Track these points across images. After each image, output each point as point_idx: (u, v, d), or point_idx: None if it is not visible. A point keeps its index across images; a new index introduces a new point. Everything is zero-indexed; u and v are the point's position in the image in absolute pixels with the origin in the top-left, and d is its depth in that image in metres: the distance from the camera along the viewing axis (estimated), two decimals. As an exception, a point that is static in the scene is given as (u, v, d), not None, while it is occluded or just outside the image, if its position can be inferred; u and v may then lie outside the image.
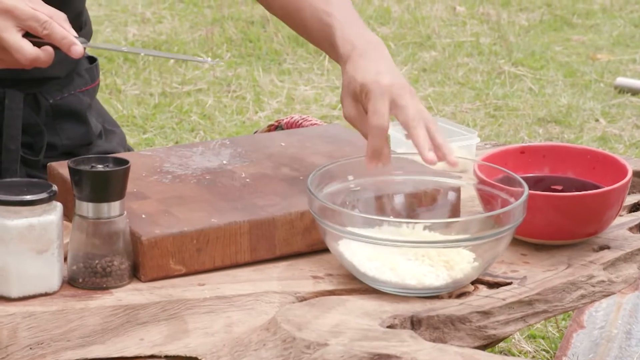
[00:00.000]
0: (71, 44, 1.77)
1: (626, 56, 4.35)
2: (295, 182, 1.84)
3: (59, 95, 2.19)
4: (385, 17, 4.75)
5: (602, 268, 1.75)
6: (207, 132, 3.53)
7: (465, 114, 3.70)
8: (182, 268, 1.67)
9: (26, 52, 1.75)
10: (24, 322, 1.51)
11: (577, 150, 1.95)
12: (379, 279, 1.62)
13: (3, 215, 1.54)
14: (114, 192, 1.61)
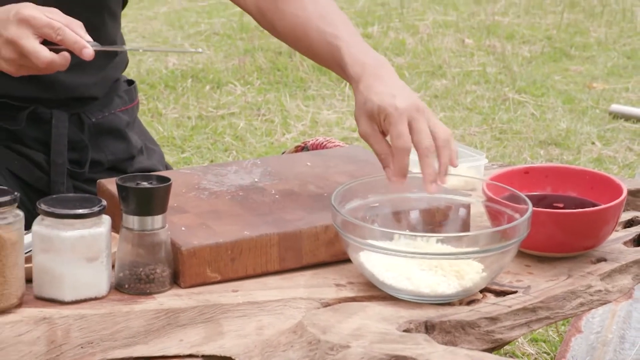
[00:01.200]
0: (82, 47, 1.77)
1: (619, 85, 4.34)
2: (320, 198, 1.85)
3: (100, 114, 2.19)
4: (400, 48, 4.76)
5: (600, 279, 1.75)
6: (239, 152, 3.53)
7: (473, 137, 3.70)
8: (217, 276, 1.67)
9: (42, 56, 1.75)
10: (76, 323, 1.52)
11: (577, 171, 1.95)
12: (396, 287, 1.62)
13: (58, 227, 1.55)
14: (157, 206, 1.62)
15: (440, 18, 5.26)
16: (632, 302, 2.54)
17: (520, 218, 1.63)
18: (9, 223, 1.52)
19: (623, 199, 1.80)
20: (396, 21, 5.18)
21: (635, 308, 2.53)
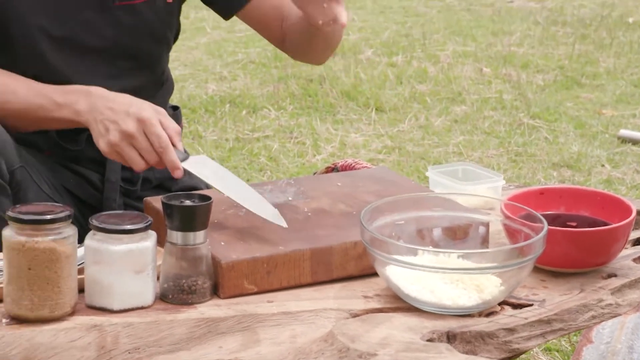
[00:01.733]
0: (175, 168, 1.83)
1: (627, 112, 4.33)
2: (349, 216, 1.85)
3: None
4: (423, 76, 4.76)
5: (610, 293, 1.74)
6: (273, 172, 3.54)
7: (490, 159, 3.69)
8: (254, 287, 1.67)
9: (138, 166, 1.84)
10: (124, 330, 1.53)
11: (589, 192, 1.94)
12: (420, 299, 1.61)
13: (108, 242, 1.56)
14: (199, 223, 1.62)
15: (460, 48, 5.26)
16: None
17: (536, 236, 1.63)
18: (64, 237, 1.53)
19: (632, 219, 1.79)
20: (419, 51, 5.18)
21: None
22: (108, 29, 2.09)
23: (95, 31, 2.09)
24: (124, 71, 2.15)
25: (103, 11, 2.08)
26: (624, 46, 5.36)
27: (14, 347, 1.47)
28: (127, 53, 2.14)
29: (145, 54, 2.17)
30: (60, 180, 2.11)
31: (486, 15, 6.10)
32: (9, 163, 1.84)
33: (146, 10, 2.12)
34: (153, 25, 2.15)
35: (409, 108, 4.26)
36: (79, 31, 2.07)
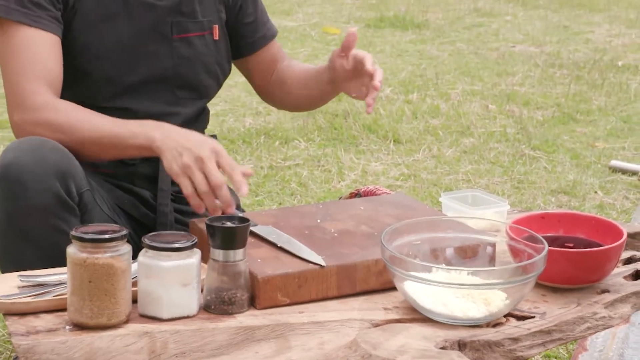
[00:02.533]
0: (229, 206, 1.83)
1: (617, 144, 4.31)
2: (371, 236, 1.84)
3: None
4: (436, 112, 4.76)
5: (604, 307, 1.73)
6: (303, 197, 3.54)
7: (495, 186, 3.68)
8: (286, 299, 1.67)
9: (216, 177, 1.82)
10: (172, 337, 1.53)
11: (584, 216, 1.93)
12: (434, 311, 1.61)
13: (159, 258, 1.57)
14: (238, 242, 1.63)
15: (468, 87, 5.26)
16: (629, 325, 2.51)
17: (537, 256, 1.63)
18: (120, 254, 1.54)
19: (623, 241, 1.79)
20: (432, 90, 5.19)
21: (632, 331, 2.51)
22: (169, 59, 2.13)
23: (158, 61, 2.12)
24: (181, 99, 2.17)
25: (164, 43, 2.12)
26: (614, 86, 5.35)
27: (76, 351, 1.48)
28: (184, 82, 2.17)
29: (199, 84, 2.20)
30: (117, 201, 2.13)
31: (491, 58, 6.10)
32: (78, 186, 1.85)
33: (199, 43, 2.16)
34: (205, 58, 2.18)
35: (423, 140, 4.26)
36: (143, 63, 2.10)
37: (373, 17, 7.41)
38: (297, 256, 1.74)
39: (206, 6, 2.18)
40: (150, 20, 2.09)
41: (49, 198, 1.78)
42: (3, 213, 1.80)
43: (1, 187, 1.78)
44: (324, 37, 6.70)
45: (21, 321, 1.56)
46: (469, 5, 8.12)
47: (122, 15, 2.07)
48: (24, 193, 1.77)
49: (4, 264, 1.87)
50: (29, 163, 1.77)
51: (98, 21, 2.05)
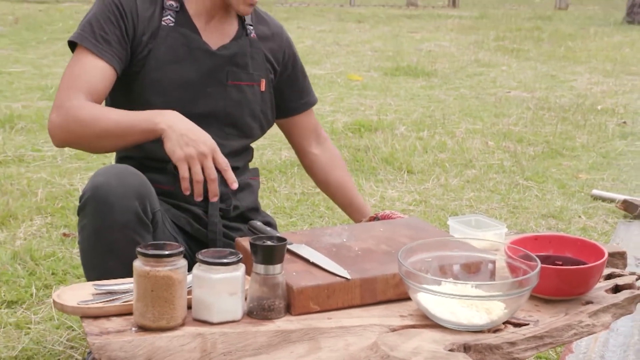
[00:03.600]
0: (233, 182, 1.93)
1: (598, 176, 4.29)
2: (389, 254, 1.84)
3: (239, 178, 2.23)
4: (443, 147, 4.76)
5: (588, 316, 1.72)
6: (330, 219, 3.54)
7: (494, 211, 3.67)
8: (317, 307, 1.67)
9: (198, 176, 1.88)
10: (220, 338, 1.53)
11: (571, 238, 1.92)
12: (443, 318, 1.61)
13: (210, 271, 1.57)
14: (277, 258, 1.63)
15: (471, 126, 5.26)
16: (609, 332, 2.49)
17: (531, 272, 1.62)
18: (177, 268, 1.54)
19: (605, 260, 1.78)
20: (440, 128, 5.19)
21: (612, 336, 2.48)
22: (221, 101, 2.16)
23: (212, 102, 2.14)
24: (227, 135, 2.19)
25: (219, 87, 2.15)
26: (594, 127, 5.33)
27: (140, 349, 1.49)
28: (232, 121, 2.19)
29: (244, 125, 2.21)
30: (175, 219, 2.14)
31: (490, 102, 6.09)
32: (152, 206, 1.87)
33: (248, 91, 2.19)
34: (251, 104, 2.20)
35: (432, 171, 4.26)
36: (201, 101, 2.13)
37: (390, 67, 7.43)
38: (327, 270, 1.74)
39: (257, 63, 2.22)
40: (210, 66, 2.13)
41: (130, 216, 1.81)
42: (92, 228, 1.82)
43: (91, 206, 1.81)
44: (348, 83, 6.72)
45: (95, 323, 1.57)
46: (471, 57, 8.13)
47: (187, 60, 2.11)
48: (110, 212, 1.79)
49: (89, 272, 1.89)
50: (115, 186, 1.80)
51: (167, 62, 2.09)
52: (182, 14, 2.12)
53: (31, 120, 5.09)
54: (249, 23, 2.22)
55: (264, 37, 2.25)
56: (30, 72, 6.77)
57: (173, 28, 2.10)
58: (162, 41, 2.09)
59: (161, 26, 2.10)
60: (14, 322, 2.51)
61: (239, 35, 2.19)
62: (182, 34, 2.11)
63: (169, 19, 2.10)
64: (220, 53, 2.14)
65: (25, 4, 12.45)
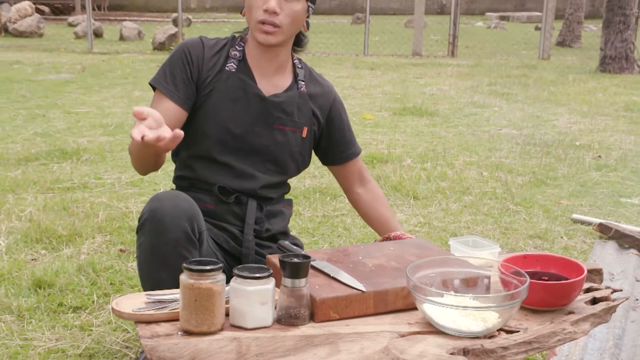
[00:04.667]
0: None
1: (577, 202, 4.25)
2: (399, 270, 1.83)
3: (271, 206, 2.23)
4: (444, 176, 4.73)
5: (570, 324, 1.70)
6: (347, 238, 3.52)
7: (488, 232, 3.64)
8: (337, 315, 1.66)
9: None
10: (254, 342, 1.53)
11: (555, 257, 1.90)
12: (445, 326, 1.59)
13: (244, 284, 1.57)
14: (302, 273, 1.62)
15: (468, 159, 5.23)
16: (588, 337, 2.46)
17: (522, 286, 1.61)
18: (217, 281, 1.54)
19: (585, 276, 1.77)
20: (441, 160, 5.17)
21: (590, 341, 2.45)
22: (266, 140, 2.16)
23: (258, 139, 2.15)
24: (268, 170, 2.19)
25: (266, 128, 2.16)
26: (574, 160, 5.29)
27: (184, 351, 1.48)
28: (273, 159, 2.19)
29: (283, 164, 2.21)
30: (215, 237, 2.14)
31: (484, 138, 6.07)
32: (199, 227, 1.88)
33: (291, 136, 2.20)
34: (292, 147, 2.20)
35: (435, 197, 4.23)
36: (249, 137, 2.14)
37: (398, 107, 7.43)
38: (345, 284, 1.73)
39: (302, 113, 2.22)
40: (260, 109, 2.15)
41: (180, 235, 1.81)
42: (148, 244, 1.83)
43: (148, 226, 1.83)
44: (362, 121, 6.72)
45: (147, 327, 1.57)
46: (467, 99, 8.11)
47: (242, 101, 2.13)
48: (164, 231, 1.80)
49: (144, 281, 1.90)
50: (169, 209, 1.81)
51: (225, 100, 2.11)
52: (243, 63, 2.15)
53: (94, 153, 5.13)
54: (301, 79, 2.23)
55: (314, 93, 2.25)
56: (94, 112, 6.83)
57: (234, 73, 2.13)
58: (223, 82, 2.12)
59: (224, 70, 2.13)
60: (79, 324, 2.51)
61: (291, 88, 2.20)
62: (241, 79, 2.13)
63: (232, 66, 2.13)
64: (271, 100, 2.15)
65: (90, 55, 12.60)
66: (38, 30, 16.45)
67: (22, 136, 5.73)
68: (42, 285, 2.80)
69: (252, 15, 2.06)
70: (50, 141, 5.51)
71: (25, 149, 5.20)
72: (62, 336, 2.43)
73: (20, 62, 11.02)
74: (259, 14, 2.04)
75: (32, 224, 3.52)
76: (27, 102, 7.44)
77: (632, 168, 5.07)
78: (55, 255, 3.16)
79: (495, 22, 23.06)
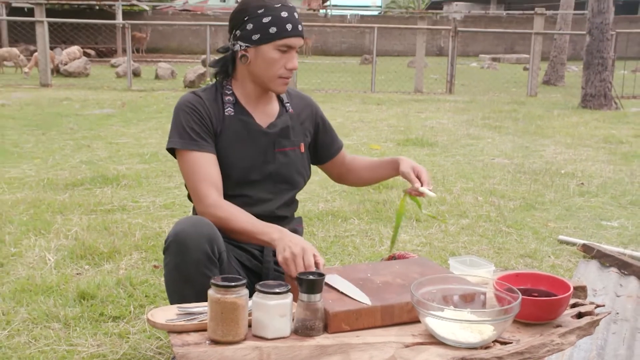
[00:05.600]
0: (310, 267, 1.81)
1: (563, 225, 4.22)
2: (404, 287, 1.81)
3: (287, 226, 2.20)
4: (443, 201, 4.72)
5: (558, 336, 1.68)
6: (356, 257, 3.50)
7: (483, 251, 3.61)
8: (348, 327, 1.65)
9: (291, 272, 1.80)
10: (273, 350, 1.52)
11: (544, 275, 1.88)
12: (446, 337, 1.57)
13: (265, 299, 1.56)
14: (317, 289, 1.61)
15: (464, 185, 5.21)
16: (574, 348, 2.42)
17: (514, 302, 1.59)
18: (241, 296, 1.54)
19: (571, 292, 1.75)
20: (440, 187, 5.15)
21: (575, 351, 2.42)
22: (273, 166, 2.15)
23: (267, 167, 2.14)
24: (281, 190, 2.18)
25: (270, 155, 2.15)
26: (559, 187, 5.26)
27: (212, 358, 1.48)
28: (283, 178, 2.18)
29: (292, 179, 2.20)
30: (237, 256, 2.13)
31: (479, 166, 6.05)
32: (219, 248, 1.87)
33: (292, 154, 2.19)
34: (296, 164, 2.20)
35: (435, 220, 4.22)
36: (259, 168, 2.13)
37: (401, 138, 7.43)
38: (354, 299, 1.71)
39: (296, 131, 2.22)
40: (263, 142, 2.14)
41: (201, 255, 1.81)
42: (173, 264, 1.83)
43: (173, 248, 1.82)
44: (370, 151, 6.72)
45: (178, 336, 1.57)
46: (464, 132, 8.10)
47: (247, 139, 2.12)
48: (187, 251, 1.79)
49: (171, 296, 1.89)
50: (190, 233, 1.81)
51: (233, 143, 2.10)
52: (238, 105, 2.14)
53: (132, 179, 5.15)
54: (286, 101, 2.23)
55: (299, 110, 2.26)
56: (132, 143, 6.87)
57: (234, 116, 2.12)
58: (227, 127, 2.10)
59: (225, 117, 2.11)
60: (117, 332, 2.51)
61: (281, 113, 2.20)
62: (242, 120, 2.12)
63: (229, 110, 2.12)
64: (270, 131, 2.15)
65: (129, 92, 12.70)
66: (85, 70, 16.63)
67: (70, 164, 5.77)
68: (85, 296, 2.80)
69: (271, 71, 2.06)
70: (93, 168, 5.54)
71: (72, 175, 5.24)
72: (103, 342, 2.42)
73: (69, 98, 11.12)
74: (282, 72, 2.07)
75: (78, 242, 3.53)
76: (75, 133, 7.49)
77: (611, 194, 5.04)
78: (97, 270, 3.16)
79: (488, 63, 23.10)
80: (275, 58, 2.05)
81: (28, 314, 2.64)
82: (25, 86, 13.43)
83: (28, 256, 3.34)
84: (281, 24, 2.03)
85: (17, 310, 2.68)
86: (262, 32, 2.03)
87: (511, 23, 28.56)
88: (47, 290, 2.90)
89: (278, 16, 2.03)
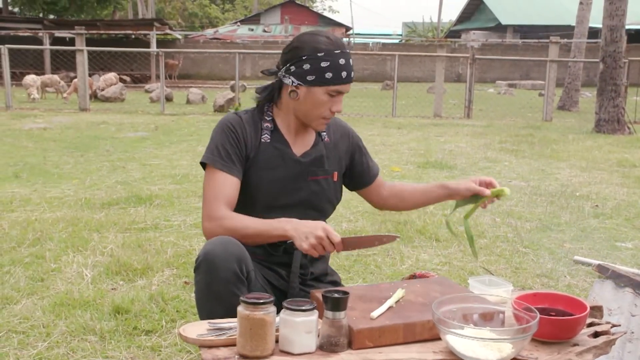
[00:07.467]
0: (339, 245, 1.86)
1: (578, 246, 4.17)
2: (425, 305, 1.80)
3: None
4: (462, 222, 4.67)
5: (575, 355, 1.66)
6: (378, 275, 3.49)
7: (501, 271, 3.58)
8: (371, 344, 1.64)
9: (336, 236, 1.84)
10: (300, 366, 1.51)
11: (562, 295, 1.86)
12: (466, 355, 1.56)
13: (292, 315, 1.56)
14: (342, 306, 1.61)
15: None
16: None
17: (532, 321, 1.57)
18: (269, 312, 1.54)
19: (588, 312, 1.72)
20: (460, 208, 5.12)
21: (593, 370, 2.37)
22: (305, 193, 2.14)
23: (298, 195, 2.13)
24: (308, 217, 2.17)
25: (303, 182, 2.14)
26: (574, 208, 5.20)
27: (241, 373, 1.47)
28: (312, 206, 2.16)
29: (322, 208, 2.19)
30: (264, 275, 2.13)
31: (496, 188, 6.01)
32: (247, 268, 1.87)
33: (324, 183, 2.17)
34: (327, 192, 2.18)
35: (454, 240, 4.19)
36: (290, 195, 2.12)
37: (422, 161, 7.41)
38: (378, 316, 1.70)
39: (331, 160, 2.21)
40: (296, 169, 2.12)
41: (230, 274, 1.81)
42: (203, 282, 1.83)
43: (203, 267, 1.83)
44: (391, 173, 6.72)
45: (209, 351, 1.57)
46: (481, 155, 8.06)
47: (281, 167, 2.11)
48: (216, 270, 1.80)
49: (201, 312, 1.89)
50: (220, 252, 1.81)
51: (265, 169, 2.09)
52: (275, 132, 2.13)
53: (164, 199, 5.20)
54: (322, 131, 2.22)
55: (336, 139, 2.24)
56: (164, 164, 6.93)
57: (270, 144, 2.11)
58: (262, 153, 2.10)
59: (261, 143, 2.11)
60: (150, 345, 2.52)
61: (317, 143, 2.19)
62: (277, 148, 2.11)
63: (266, 137, 2.12)
64: (303, 160, 2.14)
65: (162, 116, 12.85)
66: (120, 96, 16.87)
67: (106, 184, 5.84)
68: (120, 311, 2.82)
69: (317, 111, 2.06)
70: (128, 188, 5.60)
71: (108, 195, 5.30)
72: (137, 355, 2.43)
73: (105, 122, 11.29)
74: (327, 113, 2.07)
75: (113, 258, 3.56)
76: (111, 155, 7.59)
77: (625, 216, 4.97)
78: (131, 286, 3.19)
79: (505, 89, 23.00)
80: (324, 101, 2.04)
81: (66, 327, 2.67)
82: (66, 111, 13.66)
83: (67, 272, 3.37)
84: (337, 71, 2.01)
85: (56, 323, 2.71)
86: (318, 75, 2.01)
87: (527, 51, 28.48)
88: (84, 304, 2.92)
89: (336, 62, 2.01)
